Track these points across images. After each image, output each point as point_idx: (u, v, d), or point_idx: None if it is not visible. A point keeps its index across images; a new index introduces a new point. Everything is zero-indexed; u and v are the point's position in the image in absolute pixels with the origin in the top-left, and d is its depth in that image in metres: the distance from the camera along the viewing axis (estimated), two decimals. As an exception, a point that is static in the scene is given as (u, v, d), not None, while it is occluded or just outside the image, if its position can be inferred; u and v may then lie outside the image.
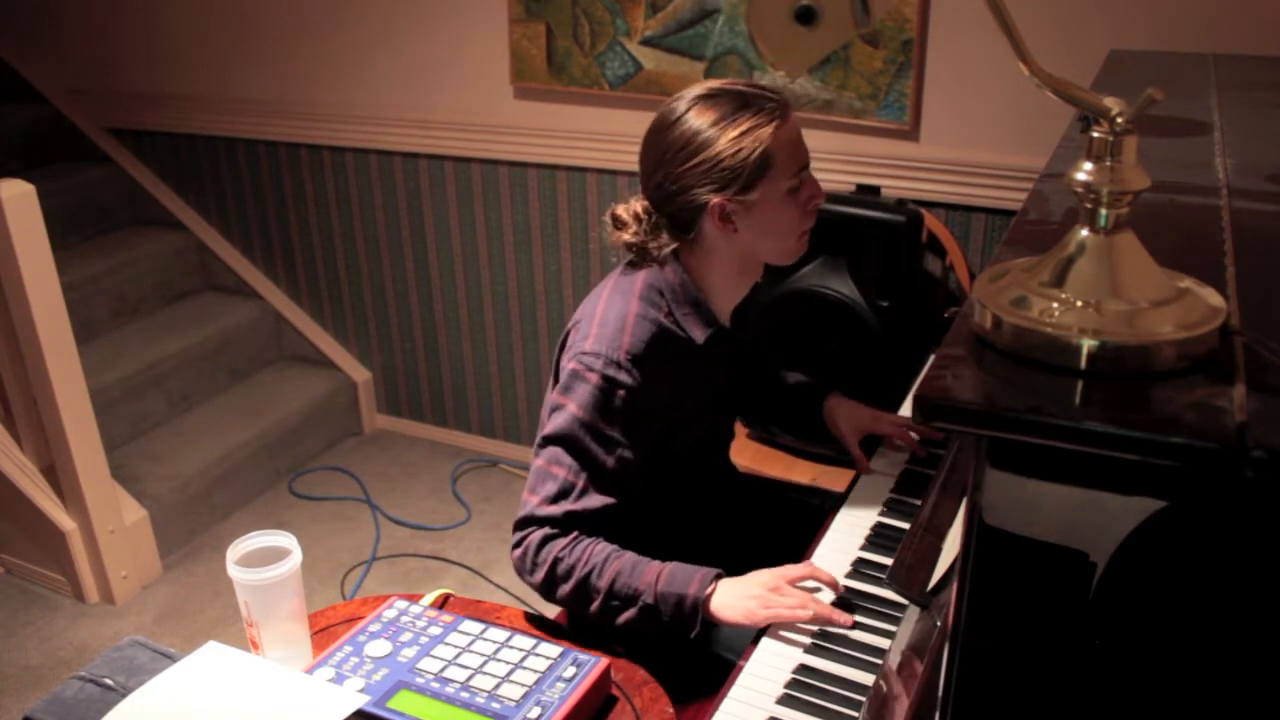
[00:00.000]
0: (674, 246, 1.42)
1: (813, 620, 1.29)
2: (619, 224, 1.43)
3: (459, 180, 2.95)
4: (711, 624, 1.31)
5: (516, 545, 1.37)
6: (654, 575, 1.31)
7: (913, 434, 1.68)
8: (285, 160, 3.21)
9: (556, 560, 1.33)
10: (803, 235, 1.43)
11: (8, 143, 3.34)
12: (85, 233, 3.35)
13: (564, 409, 1.36)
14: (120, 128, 3.46)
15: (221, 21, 3.14)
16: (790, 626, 1.30)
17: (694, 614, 1.30)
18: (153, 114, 3.37)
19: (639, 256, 1.43)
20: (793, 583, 1.32)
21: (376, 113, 2.99)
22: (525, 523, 1.37)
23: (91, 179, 3.39)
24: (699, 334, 1.43)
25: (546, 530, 1.34)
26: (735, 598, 1.30)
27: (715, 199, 1.34)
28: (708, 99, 1.35)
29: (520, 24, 2.67)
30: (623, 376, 1.35)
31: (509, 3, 2.66)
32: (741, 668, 1.24)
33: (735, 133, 1.32)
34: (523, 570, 1.37)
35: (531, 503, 1.36)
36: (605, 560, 1.32)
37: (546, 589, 1.36)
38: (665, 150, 1.36)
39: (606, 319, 1.38)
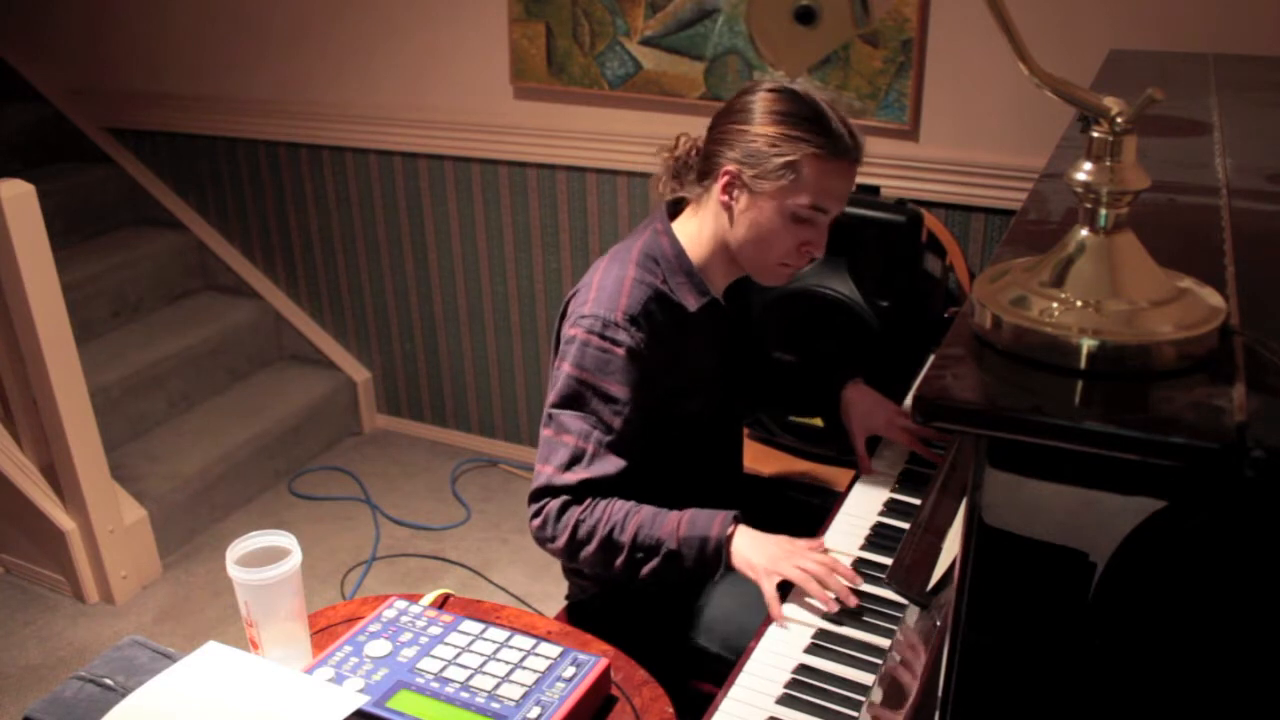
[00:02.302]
0: (684, 202, 1.52)
1: (829, 589, 1.31)
2: (675, 144, 1.53)
3: (459, 180, 2.95)
4: (731, 569, 1.36)
5: (535, 515, 1.42)
6: (675, 523, 1.38)
7: (926, 442, 1.66)
8: (285, 160, 3.21)
9: (578, 523, 1.38)
10: (783, 267, 1.47)
11: (8, 143, 3.34)
12: (85, 233, 3.34)
13: (566, 373, 1.41)
14: (120, 128, 3.46)
15: (221, 21, 3.14)
16: (797, 610, 1.32)
17: (717, 556, 1.36)
18: (153, 114, 3.37)
19: (669, 177, 1.52)
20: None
21: (376, 112, 2.99)
22: (541, 493, 1.41)
23: (91, 179, 3.39)
24: (692, 302, 1.48)
25: (564, 498, 1.39)
26: (759, 542, 1.36)
27: (733, 166, 1.41)
28: (792, 96, 1.41)
29: (520, 24, 2.67)
30: (621, 336, 1.40)
31: (509, 2, 2.66)
32: (741, 667, 1.24)
33: (788, 132, 1.38)
34: (544, 538, 1.42)
35: (546, 473, 1.41)
36: (625, 516, 1.38)
37: (570, 553, 1.41)
38: (738, 109, 1.44)
39: (604, 284, 1.44)
